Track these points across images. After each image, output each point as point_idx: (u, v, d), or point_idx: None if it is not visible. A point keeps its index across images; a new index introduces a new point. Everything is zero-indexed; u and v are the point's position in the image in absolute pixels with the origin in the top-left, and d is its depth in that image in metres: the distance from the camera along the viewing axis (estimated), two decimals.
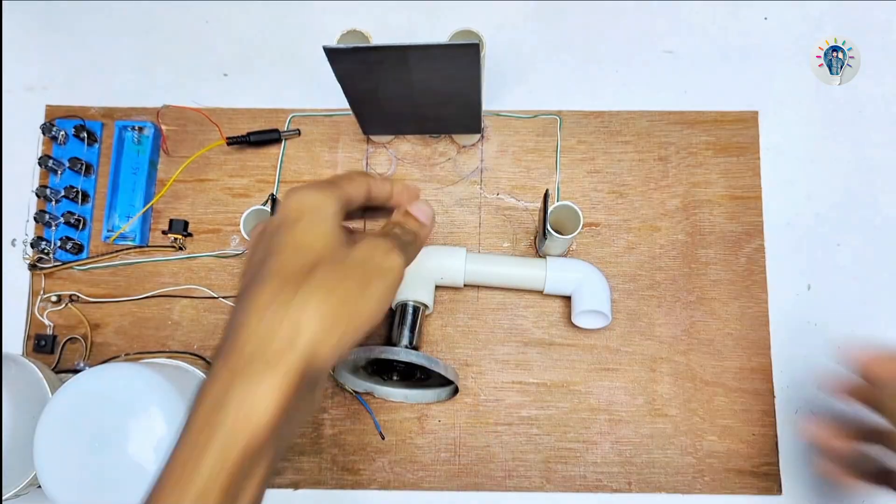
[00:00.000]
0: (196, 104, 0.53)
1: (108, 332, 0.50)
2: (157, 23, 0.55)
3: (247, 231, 0.44)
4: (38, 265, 0.50)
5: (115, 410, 0.34)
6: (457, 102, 0.45)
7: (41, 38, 0.55)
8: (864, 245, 0.51)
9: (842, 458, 0.41)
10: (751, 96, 0.53)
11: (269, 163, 0.52)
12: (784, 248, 0.51)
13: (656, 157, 0.52)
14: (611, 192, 0.52)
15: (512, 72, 0.54)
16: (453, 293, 0.51)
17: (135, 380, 0.35)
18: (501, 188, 0.52)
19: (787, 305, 0.50)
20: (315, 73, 0.53)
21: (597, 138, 0.53)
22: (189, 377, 0.38)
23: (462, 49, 0.38)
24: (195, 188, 0.52)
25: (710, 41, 0.54)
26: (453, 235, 0.51)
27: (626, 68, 0.54)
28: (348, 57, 0.39)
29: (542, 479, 0.48)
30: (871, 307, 0.50)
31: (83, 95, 0.54)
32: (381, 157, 0.53)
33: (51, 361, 0.50)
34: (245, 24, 0.55)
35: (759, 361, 0.49)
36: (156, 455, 0.33)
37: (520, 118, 0.53)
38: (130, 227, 0.50)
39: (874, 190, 0.52)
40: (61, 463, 0.33)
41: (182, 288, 0.51)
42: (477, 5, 0.55)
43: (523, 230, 0.51)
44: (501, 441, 0.48)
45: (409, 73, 0.41)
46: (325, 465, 0.48)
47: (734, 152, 0.52)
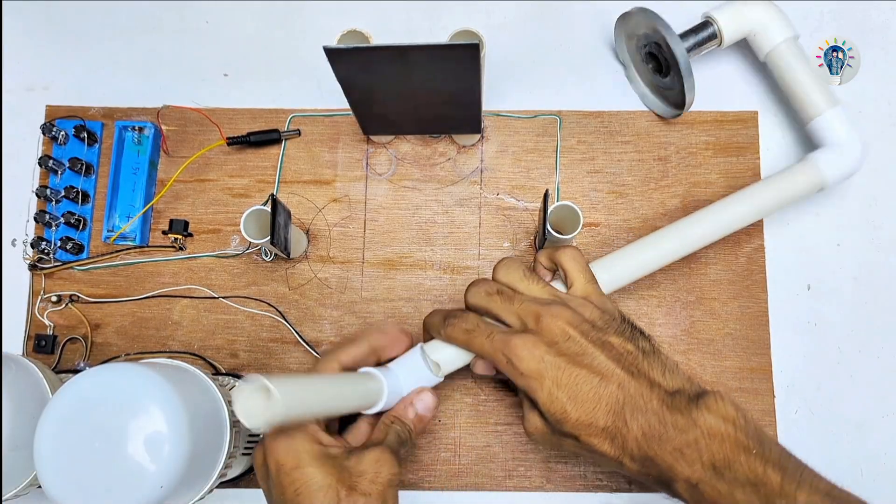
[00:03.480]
0: (196, 104, 0.53)
1: (108, 333, 0.50)
2: (157, 23, 0.55)
3: (247, 231, 0.44)
4: (38, 265, 0.50)
5: (115, 410, 0.34)
6: (457, 102, 0.45)
7: (41, 38, 0.55)
8: (864, 245, 0.51)
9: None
10: (751, 96, 0.53)
11: (270, 163, 0.52)
12: (784, 248, 0.51)
13: (656, 157, 0.52)
14: (611, 192, 0.52)
15: (512, 72, 0.54)
16: (452, 292, 0.51)
17: (135, 380, 0.34)
18: (501, 188, 0.52)
19: (787, 305, 0.50)
20: (315, 73, 0.53)
21: (597, 138, 0.53)
22: (189, 377, 0.38)
23: (462, 49, 0.38)
24: (195, 188, 0.52)
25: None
26: (453, 235, 0.51)
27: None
28: (348, 57, 0.39)
29: (542, 479, 0.48)
30: (871, 307, 0.50)
31: (83, 95, 0.54)
32: (381, 157, 0.53)
33: (51, 362, 0.50)
34: (245, 24, 0.55)
35: (759, 361, 0.49)
36: (156, 455, 0.33)
37: (520, 118, 0.53)
38: (131, 227, 0.50)
39: (874, 190, 0.52)
40: (61, 463, 0.33)
41: (182, 288, 0.51)
42: (477, 5, 0.55)
43: (523, 230, 0.51)
44: (501, 441, 0.48)
45: (409, 73, 0.41)
46: None
47: (734, 152, 0.52)
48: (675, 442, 0.34)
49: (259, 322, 0.50)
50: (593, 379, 0.36)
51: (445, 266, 0.51)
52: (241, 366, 0.50)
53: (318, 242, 0.51)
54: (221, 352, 0.50)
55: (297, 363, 0.50)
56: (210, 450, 0.37)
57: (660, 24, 0.46)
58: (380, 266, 0.51)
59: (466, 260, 0.51)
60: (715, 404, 0.35)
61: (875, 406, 0.49)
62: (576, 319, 0.38)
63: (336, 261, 0.51)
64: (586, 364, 0.37)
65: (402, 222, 0.52)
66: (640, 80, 0.53)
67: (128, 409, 0.34)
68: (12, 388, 0.39)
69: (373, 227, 0.52)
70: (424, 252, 0.51)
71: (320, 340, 0.50)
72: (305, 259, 0.51)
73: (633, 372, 0.37)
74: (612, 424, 0.36)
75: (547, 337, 0.37)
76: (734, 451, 0.34)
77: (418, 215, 0.52)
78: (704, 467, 0.34)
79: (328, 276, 0.51)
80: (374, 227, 0.52)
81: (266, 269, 0.51)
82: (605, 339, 0.38)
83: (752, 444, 0.34)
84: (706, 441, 0.34)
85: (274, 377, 0.30)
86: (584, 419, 0.36)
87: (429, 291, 0.51)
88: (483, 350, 0.39)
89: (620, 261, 0.44)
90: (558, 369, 0.36)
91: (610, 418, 0.36)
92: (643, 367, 0.37)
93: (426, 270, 0.51)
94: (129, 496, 0.33)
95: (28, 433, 0.35)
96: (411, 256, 0.51)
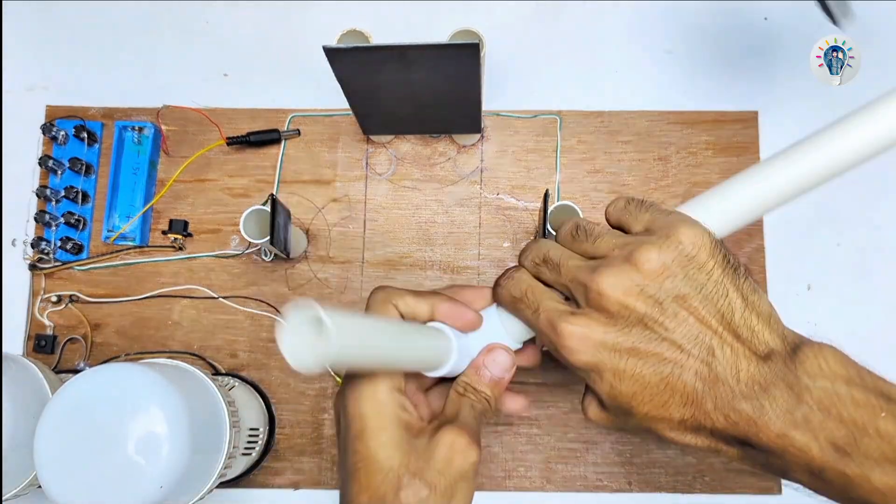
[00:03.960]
0: (196, 104, 0.53)
1: (108, 333, 0.50)
2: (157, 23, 0.55)
3: (246, 231, 0.44)
4: (38, 265, 0.50)
5: (115, 410, 0.34)
6: (457, 102, 0.45)
7: (41, 38, 0.55)
8: (864, 245, 0.51)
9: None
10: (751, 96, 0.53)
11: (269, 163, 0.52)
12: (784, 248, 0.51)
13: (656, 157, 0.52)
14: (611, 192, 0.52)
15: (512, 72, 0.54)
16: None
17: (135, 380, 0.34)
18: (501, 188, 0.52)
19: (787, 305, 0.50)
20: (315, 73, 0.53)
21: (597, 138, 0.53)
22: (189, 377, 0.38)
23: (462, 49, 0.38)
24: (195, 188, 0.52)
25: (710, 41, 0.54)
26: (453, 235, 0.51)
27: (626, 68, 0.54)
28: (348, 57, 0.39)
29: (542, 479, 0.48)
30: (871, 307, 0.50)
31: (83, 95, 0.54)
32: (381, 157, 0.53)
33: (51, 362, 0.50)
34: (245, 24, 0.55)
35: None
36: (156, 455, 0.33)
37: (520, 118, 0.53)
38: (130, 227, 0.50)
39: (874, 189, 0.52)
40: (61, 463, 0.33)
41: (182, 288, 0.51)
42: (477, 5, 0.55)
43: (523, 230, 0.51)
44: (501, 441, 0.48)
45: (409, 73, 0.41)
46: (325, 465, 0.48)
47: (734, 152, 0.52)
48: (777, 425, 0.27)
49: (259, 322, 0.50)
50: (663, 367, 0.29)
51: (445, 266, 0.51)
52: (240, 366, 0.50)
53: (318, 242, 0.51)
54: (221, 352, 0.50)
55: None
56: (210, 450, 0.37)
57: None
58: (380, 266, 0.51)
59: (466, 260, 0.51)
60: (818, 363, 0.28)
61: None
62: (638, 281, 0.29)
63: (336, 261, 0.51)
64: (652, 349, 0.29)
65: (402, 222, 0.52)
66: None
67: (128, 409, 0.34)
68: (12, 388, 0.39)
69: (373, 227, 0.52)
70: (424, 252, 0.51)
71: None
72: (305, 259, 0.51)
73: (716, 343, 0.29)
74: (692, 416, 0.29)
75: (602, 316, 0.30)
76: (858, 419, 0.27)
77: (418, 215, 0.52)
78: (823, 450, 0.27)
79: (328, 277, 0.51)
80: (374, 227, 0.52)
81: (266, 269, 0.51)
82: (685, 299, 0.29)
83: (879, 404, 0.27)
84: (819, 417, 0.27)
85: (328, 309, 0.25)
86: (654, 413, 0.30)
87: None
88: (532, 326, 0.33)
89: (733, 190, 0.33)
90: (619, 358, 0.30)
91: (687, 410, 0.29)
92: (733, 325, 0.29)
93: (426, 270, 0.51)
94: (128, 496, 0.33)
95: (28, 433, 0.35)
96: (411, 256, 0.51)
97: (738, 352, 0.29)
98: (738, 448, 0.29)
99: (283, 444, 0.48)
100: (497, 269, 0.51)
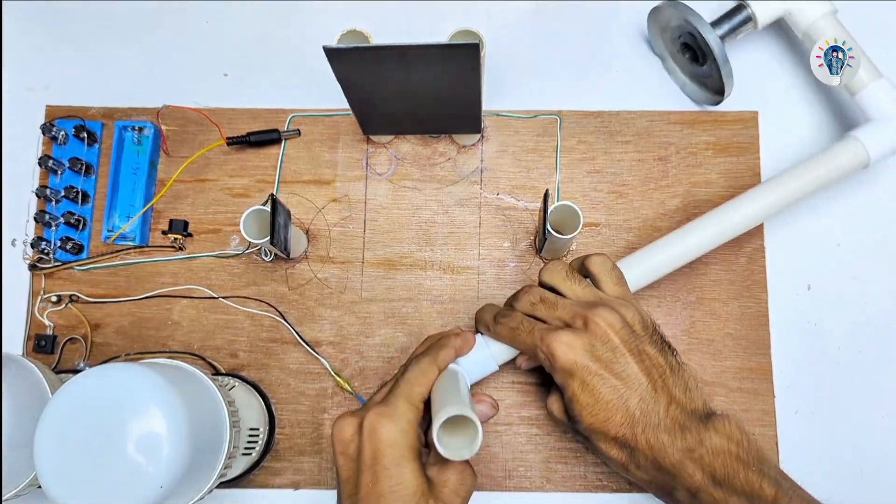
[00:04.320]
0: (196, 104, 0.53)
1: (108, 333, 0.50)
2: (156, 23, 0.55)
3: (247, 231, 0.44)
4: (38, 265, 0.50)
5: (115, 410, 0.34)
6: (457, 102, 0.45)
7: (41, 38, 0.55)
8: (864, 245, 0.51)
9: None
10: (751, 96, 0.53)
11: (269, 163, 0.52)
12: (784, 248, 0.51)
13: (656, 157, 0.52)
14: (611, 192, 0.52)
15: (512, 72, 0.54)
16: (452, 292, 0.51)
17: (135, 380, 0.34)
18: (501, 188, 0.52)
19: (787, 305, 0.50)
20: (315, 73, 0.53)
21: (597, 138, 0.53)
22: (189, 377, 0.38)
23: (462, 49, 0.38)
24: (195, 188, 0.52)
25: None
26: (453, 235, 0.51)
27: (626, 68, 0.54)
28: (348, 57, 0.39)
29: (542, 479, 0.48)
30: (871, 307, 0.50)
31: (83, 95, 0.54)
32: (381, 156, 0.53)
33: (51, 362, 0.50)
34: (245, 24, 0.55)
35: (758, 361, 0.49)
36: (155, 455, 0.33)
37: (520, 118, 0.53)
38: (130, 227, 0.50)
39: (874, 189, 0.52)
40: (61, 463, 0.33)
41: (182, 288, 0.51)
42: (477, 5, 0.55)
43: (523, 230, 0.51)
44: (501, 441, 0.48)
45: (409, 73, 0.41)
46: (325, 465, 0.48)
47: (734, 152, 0.52)
48: (680, 457, 0.36)
49: (259, 322, 0.50)
50: (618, 388, 0.37)
51: (445, 266, 0.51)
52: (240, 366, 0.50)
53: (318, 242, 0.51)
54: (221, 352, 0.50)
55: (296, 363, 0.50)
56: (210, 450, 0.37)
57: (690, 15, 0.46)
58: (380, 266, 0.51)
59: (466, 260, 0.51)
60: (723, 426, 0.37)
61: (875, 406, 0.49)
62: (618, 323, 0.39)
63: (336, 261, 0.51)
64: (616, 372, 0.38)
65: (401, 222, 0.52)
66: (679, 70, 0.53)
67: (128, 410, 0.34)
68: (12, 388, 0.39)
69: (372, 227, 0.52)
70: (424, 252, 0.51)
71: (320, 340, 0.50)
72: (305, 259, 0.51)
73: (657, 387, 0.38)
74: (623, 435, 0.37)
75: (587, 337, 0.38)
76: (734, 465, 0.36)
77: (418, 215, 0.52)
78: (705, 478, 0.36)
79: (328, 277, 0.51)
80: (374, 227, 0.52)
81: (266, 269, 0.51)
82: (642, 348, 0.39)
83: (751, 461, 0.36)
84: (710, 457, 0.36)
85: (455, 404, 0.34)
86: (597, 426, 0.38)
87: (429, 291, 0.51)
88: (526, 345, 0.41)
89: (648, 257, 0.45)
90: (588, 373, 0.38)
91: (623, 429, 0.37)
92: (668, 382, 0.38)
93: (426, 270, 0.51)
94: (128, 496, 0.33)
95: (28, 433, 0.35)
96: (411, 256, 0.51)
97: (671, 400, 0.38)
98: (644, 472, 0.38)
99: (283, 444, 0.49)
100: (497, 268, 0.51)
